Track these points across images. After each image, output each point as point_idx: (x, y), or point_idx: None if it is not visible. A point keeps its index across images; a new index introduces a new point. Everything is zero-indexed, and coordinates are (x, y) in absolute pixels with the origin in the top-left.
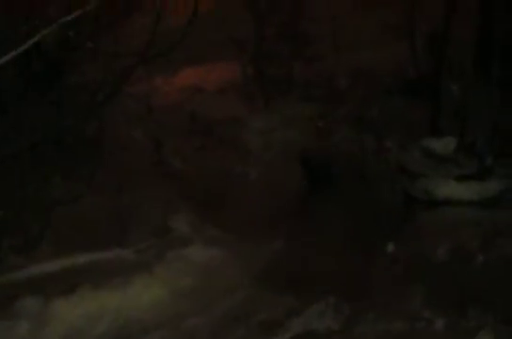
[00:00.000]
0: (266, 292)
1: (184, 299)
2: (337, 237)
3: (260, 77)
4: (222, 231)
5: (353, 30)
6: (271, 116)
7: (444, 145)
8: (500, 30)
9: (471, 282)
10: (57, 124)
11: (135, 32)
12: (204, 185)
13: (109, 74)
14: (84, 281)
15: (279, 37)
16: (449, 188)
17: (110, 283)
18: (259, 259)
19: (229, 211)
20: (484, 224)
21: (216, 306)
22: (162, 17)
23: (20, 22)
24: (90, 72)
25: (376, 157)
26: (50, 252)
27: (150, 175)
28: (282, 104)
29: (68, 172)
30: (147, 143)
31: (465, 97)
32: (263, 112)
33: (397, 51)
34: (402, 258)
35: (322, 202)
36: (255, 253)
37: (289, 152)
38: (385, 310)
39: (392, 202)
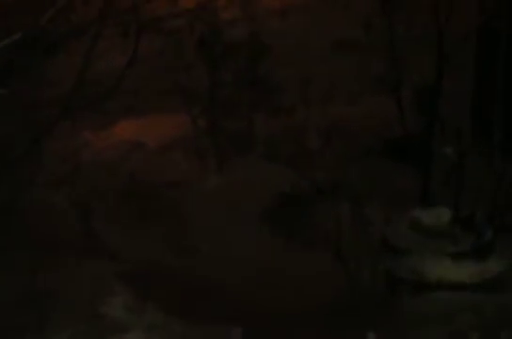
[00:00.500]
0: None
1: None
2: (308, 325)
3: (213, 132)
4: (165, 314)
5: (328, 78)
6: (226, 179)
7: (436, 217)
8: (503, 83)
9: None
10: None
11: (60, 76)
12: (144, 263)
13: (27, 127)
14: None
15: (237, 83)
16: (442, 268)
17: None
18: None
19: (173, 291)
20: (485, 312)
21: None
22: (95, 57)
23: None
24: (2, 124)
25: (355, 231)
26: None
27: (76, 251)
28: (240, 166)
29: None
30: (73, 211)
31: (461, 162)
32: (216, 174)
33: (380, 104)
34: None
35: None
36: None
37: (247, 223)
38: None
39: (374, 285)
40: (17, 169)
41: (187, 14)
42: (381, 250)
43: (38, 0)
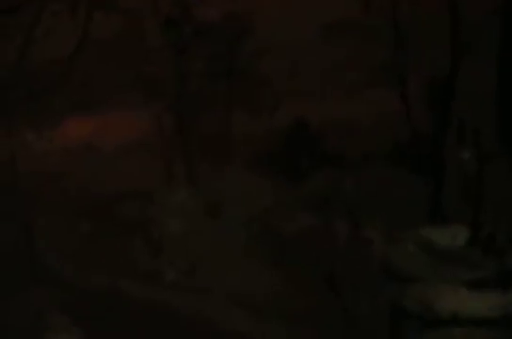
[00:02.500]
0: None
1: None
2: None
3: (181, 133)
4: None
5: (320, 67)
6: (197, 192)
7: (451, 237)
8: None
9: None
10: None
11: None
12: (98, 292)
13: None
14: None
15: (210, 74)
16: (457, 299)
17: None
18: None
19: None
20: None
21: None
22: (37, 40)
23: None
24: None
25: (352, 252)
26: None
27: (14, 278)
28: (215, 175)
29: None
30: (10, 228)
31: (480, 171)
32: (185, 185)
33: (383, 99)
34: None
35: None
36: None
37: (223, 247)
38: None
39: (375, 318)
40: None
41: None
42: (383, 277)
43: None
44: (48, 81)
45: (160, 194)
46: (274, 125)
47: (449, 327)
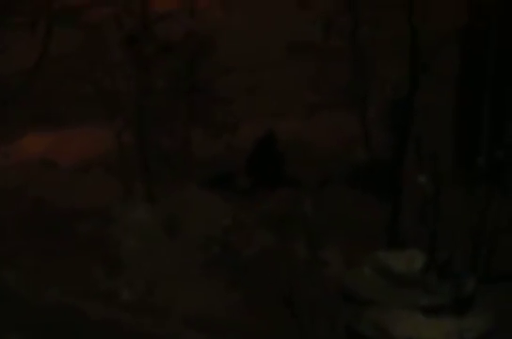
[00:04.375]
0: None
1: None
2: None
3: (141, 149)
4: None
5: (280, 86)
6: (156, 210)
7: (407, 261)
8: (491, 97)
9: None
10: None
11: None
12: (54, 312)
13: None
14: None
15: (171, 91)
16: (413, 324)
17: None
18: None
19: None
20: None
21: None
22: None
23: None
24: None
25: (309, 274)
26: None
27: None
28: (173, 192)
29: None
30: None
31: (437, 194)
32: (144, 203)
33: (342, 120)
34: None
35: None
36: None
37: (180, 268)
38: None
39: None
40: None
41: (113, 3)
42: (340, 300)
43: None
44: (6, 95)
45: (118, 211)
46: (233, 144)
47: None
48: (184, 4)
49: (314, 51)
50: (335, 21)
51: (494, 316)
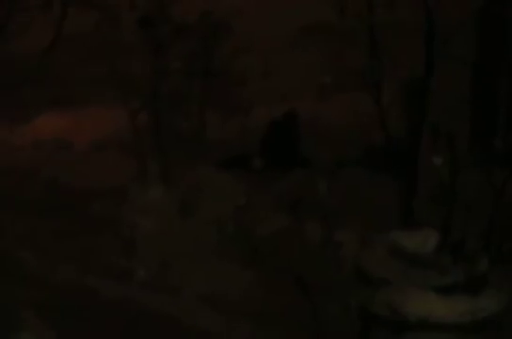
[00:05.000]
0: None
1: None
2: None
3: (156, 130)
4: None
5: (295, 68)
6: (171, 189)
7: (421, 241)
8: (508, 80)
9: None
10: None
11: None
12: (69, 290)
13: None
14: None
15: (186, 72)
16: (426, 304)
17: None
18: None
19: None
20: None
21: None
22: (10, 34)
23: None
24: None
25: (323, 255)
26: None
27: None
28: (188, 173)
29: None
30: None
31: (453, 175)
32: (159, 182)
33: (357, 102)
34: None
35: None
36: None
37: (198, 248)
38: None
39: (344, 322)
40: None
41: None
42: (354, 280)
43: None
44: (21, 76)
45: (133, 192)
46: (248, 125)
47: (417, 332)
48: None
49: (329, 33)
50: (350, 2)
51: (508, 297)
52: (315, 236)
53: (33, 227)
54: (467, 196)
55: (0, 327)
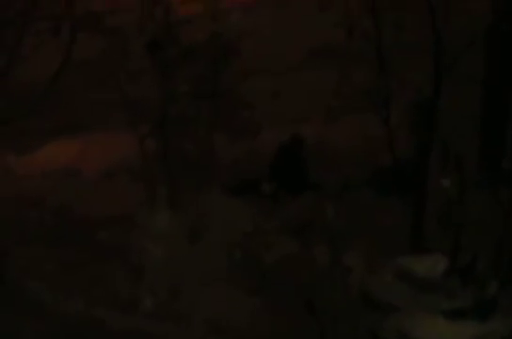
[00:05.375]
0: None
1: None
2: None
3: (164, 155)
4: None
5: (303, 90)
6: (180, 216)
7: (430, 266)
8: None
9: None
10: None
11: None
12: (78, 322)
13: None
14: None
15: (194, 96)
16: (435, 329)
17: None
18: None
19: None
20: None
21: None
22: (18, 59)
23: None
24: None
25: (332, 280)
26: None
27: None
28: (196, 198)
29: None
30: None
31: (461, 197)
32: (167, 209)
33: (365, 124)
34: None
35: None
36: None
37: (205, 275)
38: None
39: None
40: None
41: (135, 9)
42: (362, 306)
43: None
44: (29, 102)
45: (141, 218)
46: (257, 149)
47: None
48: (206, 8)
49: (337, 54)
50: (358, 24)
51: None
52: (323, 261)
53: (40, 257)
54: (476, 217)
55: None
